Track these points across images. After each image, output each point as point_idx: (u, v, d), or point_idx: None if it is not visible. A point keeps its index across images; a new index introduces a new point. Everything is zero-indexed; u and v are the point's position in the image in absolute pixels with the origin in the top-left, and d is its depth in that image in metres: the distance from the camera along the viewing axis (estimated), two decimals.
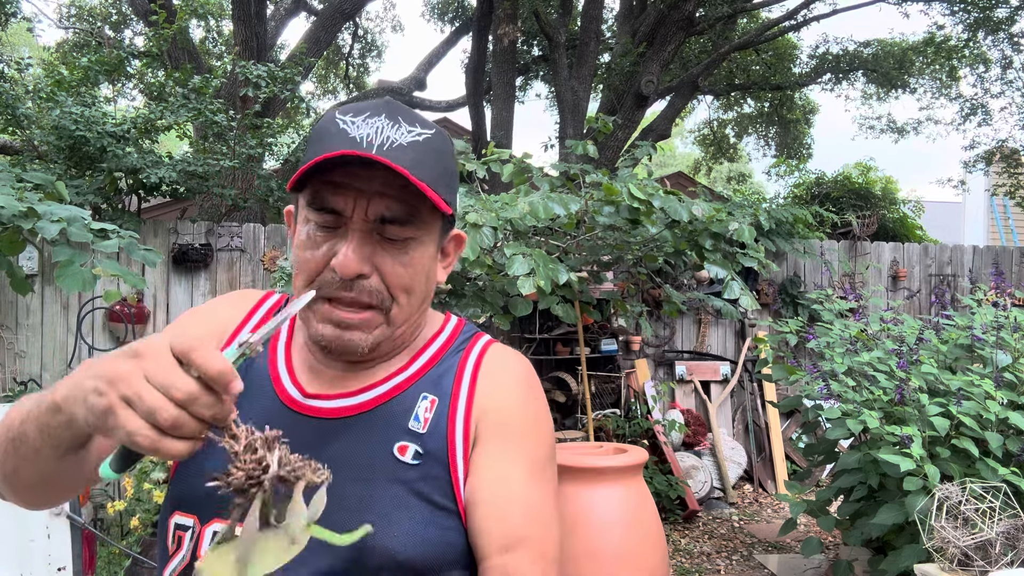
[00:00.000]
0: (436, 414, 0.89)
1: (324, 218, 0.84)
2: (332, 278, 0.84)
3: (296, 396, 0.91)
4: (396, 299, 0.87)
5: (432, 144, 0.86)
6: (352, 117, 0.84)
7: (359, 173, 0.83)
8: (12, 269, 3.26)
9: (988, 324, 3.37)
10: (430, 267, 0.91)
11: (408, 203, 0.84)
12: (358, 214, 0.83)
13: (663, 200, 3.73)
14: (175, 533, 0.89)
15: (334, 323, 0.85)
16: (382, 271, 0.85)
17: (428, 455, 0.87)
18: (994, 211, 13.25)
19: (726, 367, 6.22)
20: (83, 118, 4.79)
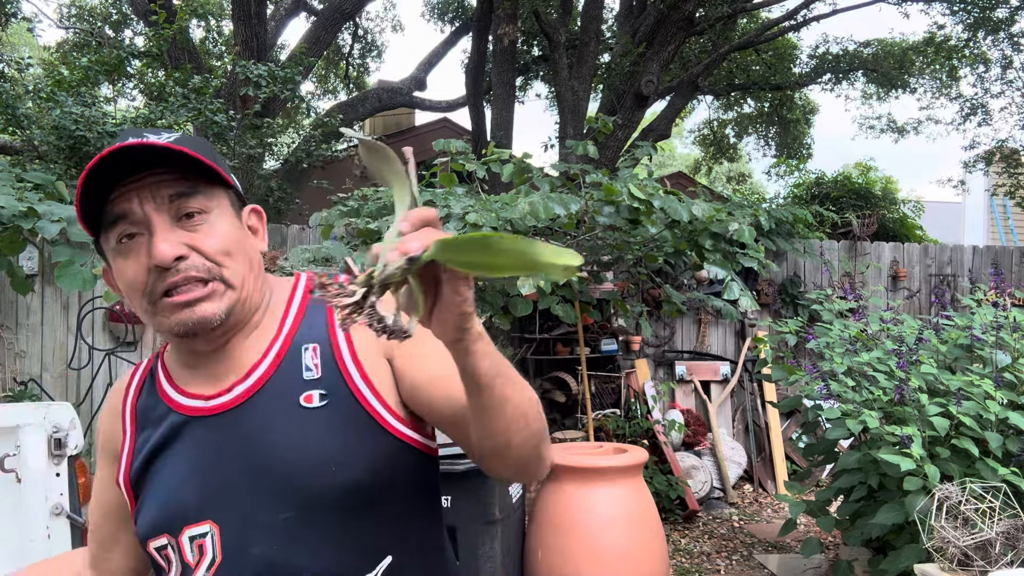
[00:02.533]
0: (322, 357, 0.97)
1: (121, 228, 0.91)
2: (156, 276, 0.90)
3: (200, 404, 0.99)
4: (222, 264, 0.93)
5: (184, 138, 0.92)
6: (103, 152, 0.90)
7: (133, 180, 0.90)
8: (12, 269, 3.26)
9: (988, 324, 3.37)
10: (240, 235, 0.97)
11: (186, 179, 0.91)
12: (147, 206, 0.90)
13: (663, 200, 3.73)
14: (161, 554, 0.98)
15: (181, 306, 0.91)
16: (196, 247, 0.91)
17: (331, 393, 0.95)
18: (994, 211, 13.24)
19: (726, 367, 6.22)
20: (83, 118, 4.80)
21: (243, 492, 0.93)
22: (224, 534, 0.94)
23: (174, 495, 0.97)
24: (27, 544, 2.48)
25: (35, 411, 2.55)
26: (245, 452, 0.95)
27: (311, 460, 0.92)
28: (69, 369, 4.94)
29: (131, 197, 0.89)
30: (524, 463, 0.87)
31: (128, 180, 0.90)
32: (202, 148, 0.94)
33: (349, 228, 4.82)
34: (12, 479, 2.47)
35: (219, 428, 0.97)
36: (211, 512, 0.95)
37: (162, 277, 0.90)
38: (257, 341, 1.00)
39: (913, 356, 3.29)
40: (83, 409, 4.82)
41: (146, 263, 0.90)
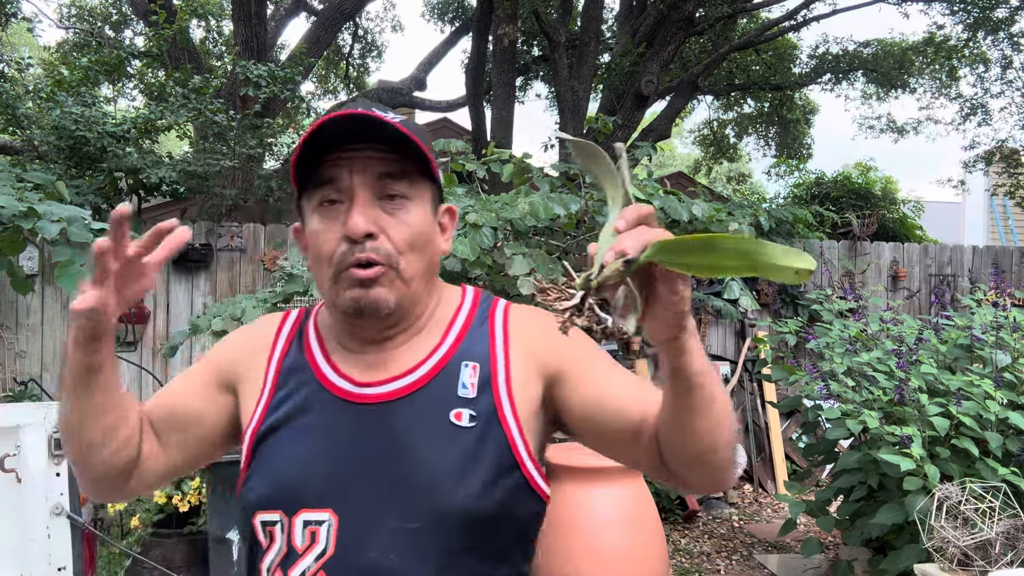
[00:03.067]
0: (480, 378, 0.97)
1: (326, 191, 0.93)
2: (346, 248, 0.91)
3: (348, 387, 0.97)
4: (403, 255, 0.93)
5: (408, 122, 0.94)
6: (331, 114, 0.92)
7: (349, 149, 0.92)
8: (12, 269, 3.27)
9: (987, 324, 3.37)
10: (429, 231, 0.97)
11: (400, 162, 0.93)
12: (356, 178, 0.92)
13: (663, 200, 3.74)
14: (265, 529, 0.95)
15: (357, 284, 0.92)
16: (386, 231, 0.92)
17: (481, 416, 0.95)
18: (994, 211, 13.25)
19: (726, 367, 6.22)
20: (83, 118, 4.80)
21: (372, 490, 0.92)
22: (342, 527, 0.91)
23: (301, 472, 0.95)
24: (27, 544, 2.48)
25: (35, 411, 2.55)
26: (384, 450, 0.93)
27: (448, 478, 0.91)
28: None
29: (343, 165, 0.92)
30: (723, 467, 0.87)
31: (346, 147, 0.91)
32: (423, 136, 0.95)
33: None
34: (12, 479, 2.47)
35: (362, 417, 0.95)
36: (334, 501, 0.92)
37: (351, 250, 0.91)
38: (419, 344, 0.99)
39: (913, 356, 3.29)
40: None
41: (340, 231, 0.92)
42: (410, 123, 0.94)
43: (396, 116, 0.93)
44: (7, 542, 2.48)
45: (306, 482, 0.94)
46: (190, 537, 3.89)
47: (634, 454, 0.93)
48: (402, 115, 0.96)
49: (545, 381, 0.98)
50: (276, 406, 0.99)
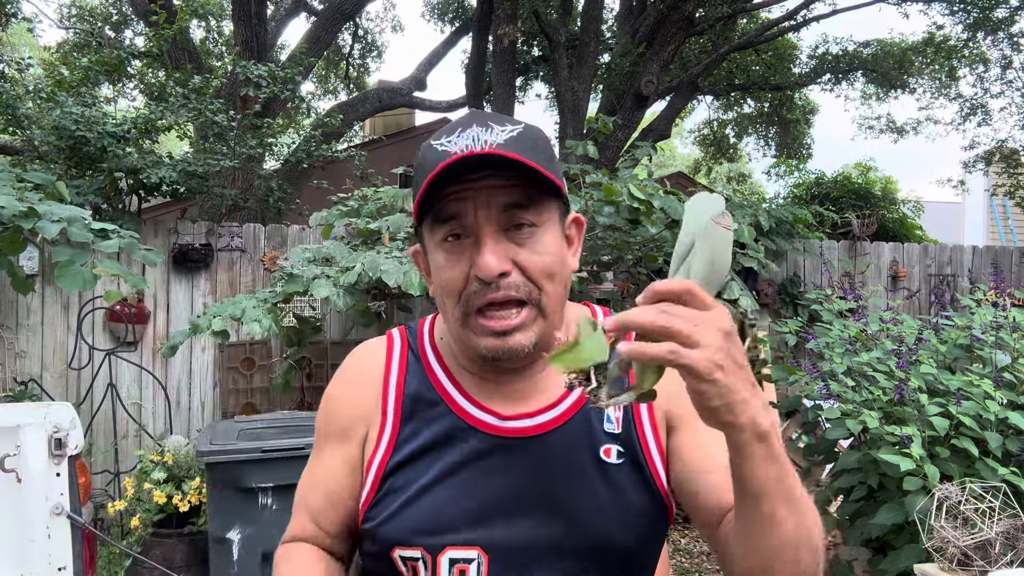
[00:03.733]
0: (624, 414, 0.94)
1: (450, 227, 0.88)
2: (477, 288, 0.87)
3: (492, 421, 0.94)
4: (542, 288, 0.88)
5: (526, 135, 0.88)
6: (446, 137, 0.87)
7: (472, 178, 0.85)
8: (13, 269, 3.27)
9: (987, 324, 3.37)
10: (562, 252, 0.92)
11: (523, 188, 0.87)
12: (481, 214, 0.86)
13: (663, 200, 3.74)
14: (407, 564, 0.92)
15: (494, 334, 0.88)
16: (520, 264, 0.87)
17: (627, 452, 0.93)
18: (994, 211, 13.25)
19: None
20: (83, 118, 4.79)
21: (523, 528, 0.89)
22: (492, 566, 0.88)
23: (444, 508, 0.91)
24: (27, 544, 2.48)
25: (35, 411, 2.55)
26: (533, 487, 0.90)
27: (600, 518, 0.89)
28: (69, 369, 4.94)
29: (466, 198, 0.86)
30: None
31: (465, 179, 0.86)
32: (542, 152, 0.89)
33: (349, 228, 4.83)
34: (12, 479, 2.47)
35: (509, 452, 0.92)
36: (482, 539, 0.89)
37: (482, 291, 0.87)
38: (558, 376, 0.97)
39: (913, 356, 3.29)
40: (83, 409, 4.82)
41: (467, 270, 0.87)
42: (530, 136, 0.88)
43: (514, 127, 0.88)
44: (7, 542, 2.48)
45: (453, 520, 0.90)
46: (190, 537, 3.89)
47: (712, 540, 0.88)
48: (518, 123, 0.89)
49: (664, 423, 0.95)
50: (405, 440, 0.95)
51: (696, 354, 0.64)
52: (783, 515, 0.72)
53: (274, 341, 5.22)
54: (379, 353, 1.02)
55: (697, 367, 0.64)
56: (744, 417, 0.67)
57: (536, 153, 0.87)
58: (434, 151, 0.87)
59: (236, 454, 3.21)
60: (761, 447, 0.69)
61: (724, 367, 0.66)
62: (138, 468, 4.06)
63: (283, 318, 4.13)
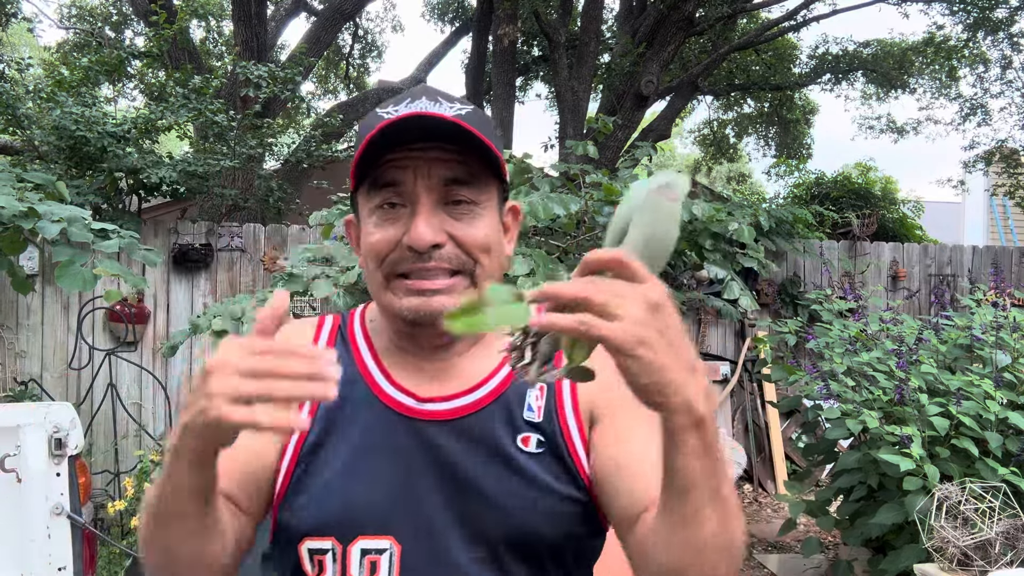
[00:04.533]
0: (546, 401, 0.91)
1: (386, 195, 0.85)
2: (405, 255, 0.84)
3: (409, 403, 0.90)
4: (478, 260, 0.86)
5: (475, 115, 0.87)
6: (393, 106, 0.85)
7: (414, 148, 0.83)
8: (13, 269, 3.27)
9: (987, 324, 3.37)
10: (498, 234, 0.90)
11: (467, 164, 0.85)
12: (420, 182, 0.84)
13: None
14: (313, 558, 0.87)
15: (417, 293, 0.85)
16: (456, 236, 0.85)
17: (548, 441, 0.89)
18: (994, 211, 13.24)
19: (726, 367, 6.22)
20: (83, 118, 4.79)
21: (437, 515, 0.85)
22: (406, 557, 0.84)
23: (359, 496, 0.86)
24: (27, 544, 2.48)
25: (35, 411, 2.55)
26: (448, 473, 0.86)
27: (516, 506, 0.85)
28: (69, 369, 4.94)
29: (407, 166, 0.84)
30: None
31: (409, 146, 0.83)
32: (488, 129, 0.87)
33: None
34: (12, 479, 2.48)
35: (425, 436, 0.88)
36: (395, 528, 0.85)
37: (409, 258, 0.84)
38: (485, 357, 0.92)
39: (913, 356, 3.29)
40: (83, 409, 4.82)
41: (399, 236, 0.84)
42: (477, 116, 0.87)
43: (462, 107, 0.86)
44: (7, 542, 2.48)
45: (366, 506, 0.86)
46: None
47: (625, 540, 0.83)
48: (467, 104, 0.88)
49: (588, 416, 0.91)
50: (321, 418, 0.90)
51: (614, 326, 0.60)
52: (708, 514, 0.68)
53: None
54: (308, 330, 0.98)
55: (614, 339, 0.60)
56: (677, 398, 0.63)
57: (483, 128, 0.85)
58: (377, 117, 0.85)
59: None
60: (694, 436, 0.65)
61: (648, 342, 0.60)
62: (138, 468, 4.06)
63: None
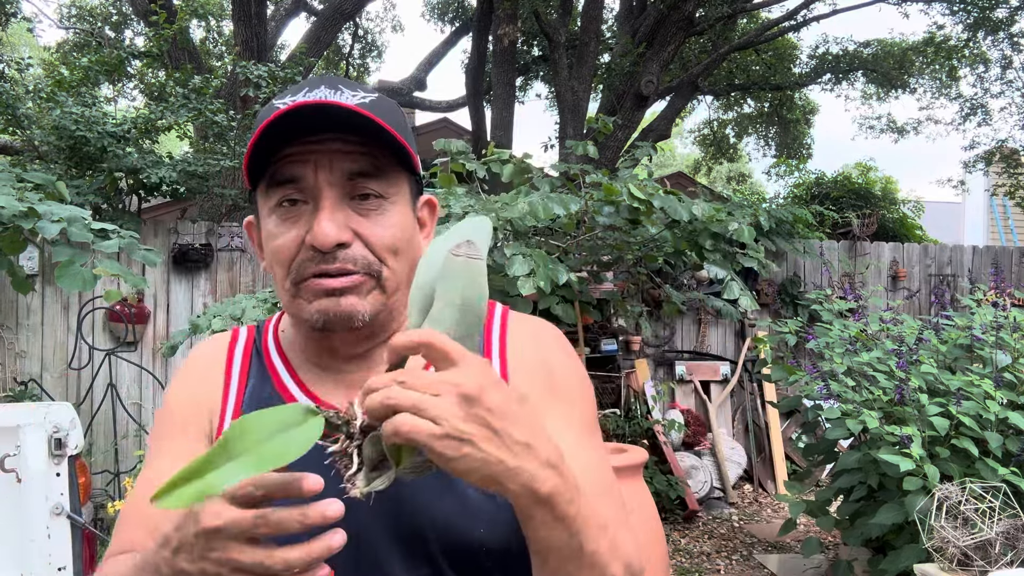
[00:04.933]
0: None
1: (286, 191, 0.79)
2: (310, 256, 0.78)
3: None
4: (384, 261, 0.81)
5: (381, 104, 0.81)
6: (291, 96, 0.80)
7: (314, 141, 0.77)
8: (13, 269, 3.27)
9: (987, 324, 3.37)
10: (411, 231, 0.85)
11: (372, 156, 0.79)
12: (322, 177, 0.78)
13: (663, 200, 3.74)
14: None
15: (325, 293, 0.79)
16: (362, 235, 0.79)
17: None
18: (994, 211, 13.24)
19: (726, 367, 6.23)
20: (83, 118, 4.80)
21: (372, 535, 0.79)
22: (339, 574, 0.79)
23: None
24: (27, 544, 2.48)
25: (35, 411, 2.55)
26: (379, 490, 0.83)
27: (456, 516, 0.79)
28: (69, 369, 4.94)
29: (307, 161, 0.77)
30: None
31: (308, 139, 0.77)
32: (396, 118, 0.81)
33: None
34: (12, 479, 2.48)
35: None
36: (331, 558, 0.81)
37: (314, 259, 0.78)
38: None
39: (913, 356, 3.29)
40: (83, 409, 4.83)
41: (302, 236, 0.79)
42: (383, 105, 0.81)
43: (366, 95, 0.80)
44: (7, 542, 2.48)
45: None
46: None
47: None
48: (372, 91, 0.82)
49: None
50: None
51: (431, 432, 0.56)
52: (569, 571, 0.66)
53: None
54: (222, 346, 0.93)
55: (434, 448, 0.56)
56: (514, 485, 0.59)
57: (390, 117, 0.79)
58: (273, 107, 0.79)
59: None
60: (541, 510, 0.62)
61: (470, 440, 0.57)
62: (138, 468, 4.06)
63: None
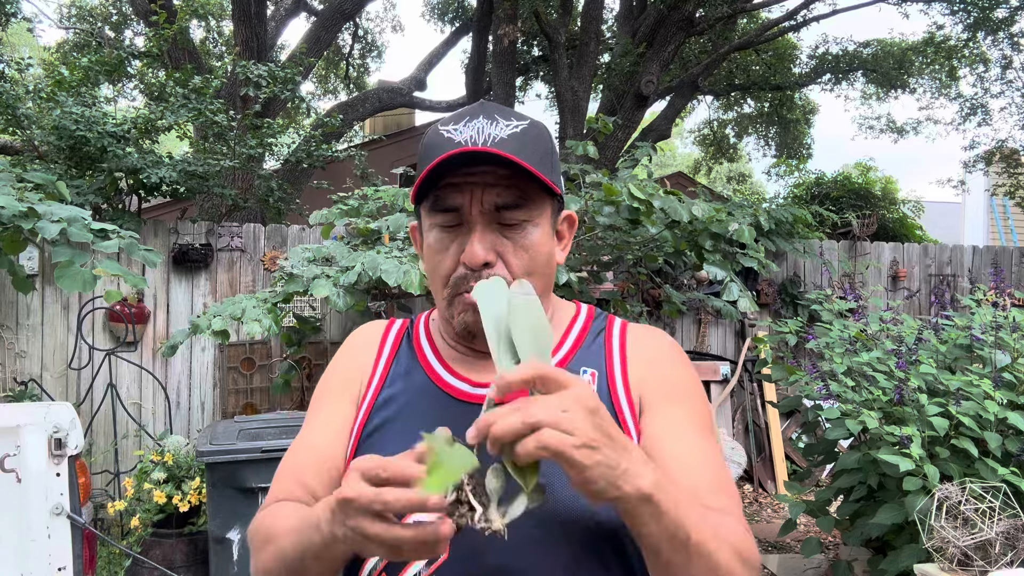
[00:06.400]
0: (599, 386, 0.96)
1: (446, 217, 0.93)
2: (463, 273, 0.92)
3: (464, 388, 0.96)
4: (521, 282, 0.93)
5: (529, 132, 0.92)
6: (453, 125, 0.92)
7: (471, 172, 0.90)
8: (13, 268, 3.27)
9: (987, 324, 3.37)
10: (549, 248, 0.96)
11: (517, 188, 0.91)
12: (475, 207, 0.91)
13: (663, 200, 3.74)
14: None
15: (472, 308, 0.91)
16: (505, 258, 0.92)
17: None
18: (994, 211, 13.24)
19: (726, 367, 6.22)
20: (83, 118, 4.79)
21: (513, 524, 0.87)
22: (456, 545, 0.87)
23: None
24: (27, 544, 2.48)
25: (35, 411, 2.55)
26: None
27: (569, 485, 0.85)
28: (69, 369, 4.94)
29: (463, 192, 0.91)
30: None
31: (464, 169, 0.90)
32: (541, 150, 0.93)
33: (349, 228, 4.83)
34: (12, 479, 2.48)
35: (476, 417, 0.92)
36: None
37: (467, 276, 0.92)
38: None
39: (913, 356, 3.29)
40: (83, 409, 4.83)
41: (458, 255, 0.92)
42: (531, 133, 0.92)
43: (519, 123, 0.92)
44: (7, 542, 2.48)
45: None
46: (190, 537, 3.89)
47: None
48: (523, 119, 0.94)
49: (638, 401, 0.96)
50: (383, 404, 0.98)
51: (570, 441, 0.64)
52: (680, 561, 0.74)
53: (274, 341, 5.22)
54: (379, 329, 1.09)
55: (574, 457, 0.64)
56: (628, 487, 0.68)
57: (536, 151, 0.91)
58: (439, 136, 0.92)
59: (236, 454, 3.21)
60: (647, 507, 0.70)
61: (600, 448, 0.66)
62: (138, 468, 4.06)
63: (283, 318, 4.13)
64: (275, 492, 0.98)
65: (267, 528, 0.89)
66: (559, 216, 1.00)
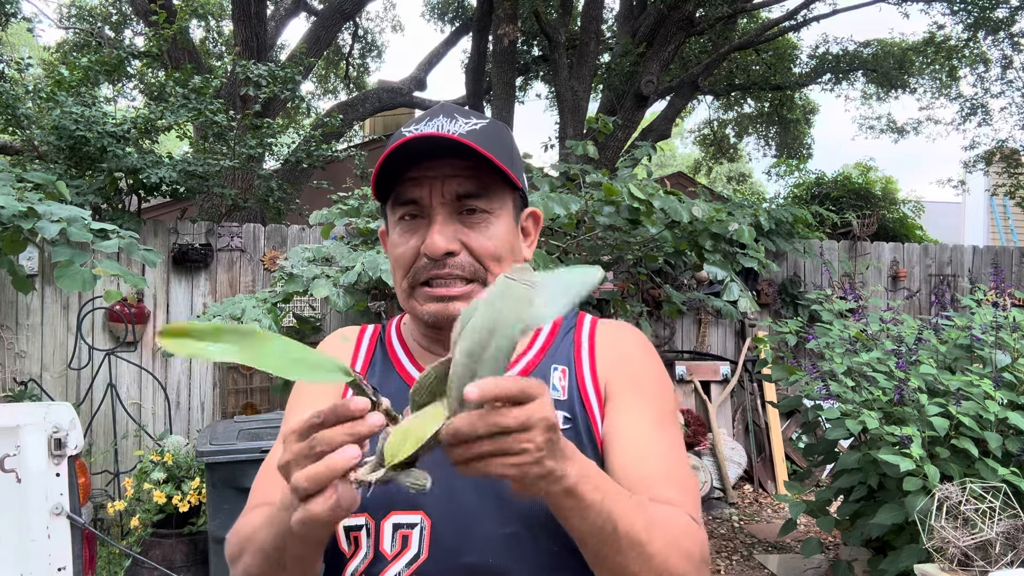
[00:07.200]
0: (569, 382, 0.97)
1: (407, 209, 0.94)
2: (425, 264, 0.93)
3: None
4: (488, 268, 0.93)
5: (488, 129, 0.93)
6: (415, 125, 0.93)
7: (430, 165, 0.92)
8: (13, 268, 3.27)
9: (987, 324, 3.37)
10: (513, 241, 0.97)
11: (478, 179, 0.92)
12: (435, 198, 0.92)
13: (663, 200, 3.74)
14: (349, 535, 0.92)
15: (436, 299, 0.93)
16: (469, 245, 0.93)
17: (574, 419, 0.94)
18: (994, 211, 13.24)
19: (726, 367, 6.22)
20: (83, 118, 4.79)
21: (466, 492, 0.89)
22: (436, 531, 0.89)
23: None
24: (27, 544, 2.48)
25: (35, 411, 2.55)
26: None
27: None
28: (69, 369, 4.94)
29: (423, 184, 0.92)
30: None
31: (424, 163, 0.92)
32: (500, 145, 0.94)
33: (349, 228, 4.83)
34: (12, 479, 2.48)
35: None
36: (425, 504, 0.89)
37: (428, 266, 0.92)
38: None
39: (913, 356, 3.29)
40: (83, 409, 4.83)
41: (418, 246, 0.93)
42: (490, 130, 0.93)
43: (477, 121, 0.93)
44: (7, 542, 2.48)
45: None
46: (190, 537, 3.89)
47: None
48: (483, 118, 0.95)
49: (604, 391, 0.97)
50: None
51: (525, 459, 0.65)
52: (609, 552, 0.75)
53: None
54: (351, 334, 1.09)
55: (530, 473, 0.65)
56: (556, 487, 0.69)
57: (495, 146, 0.91)
58: (400, 135, 0.93)
59: (236, 454, 3.21)
60: (570, 501, 0.71)
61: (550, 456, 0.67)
62: (138, 468, 4.06)
63: (283, 318, 4.13)
64: (254, 499, 0.97)
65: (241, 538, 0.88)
66: (523, 212, 1.01)
